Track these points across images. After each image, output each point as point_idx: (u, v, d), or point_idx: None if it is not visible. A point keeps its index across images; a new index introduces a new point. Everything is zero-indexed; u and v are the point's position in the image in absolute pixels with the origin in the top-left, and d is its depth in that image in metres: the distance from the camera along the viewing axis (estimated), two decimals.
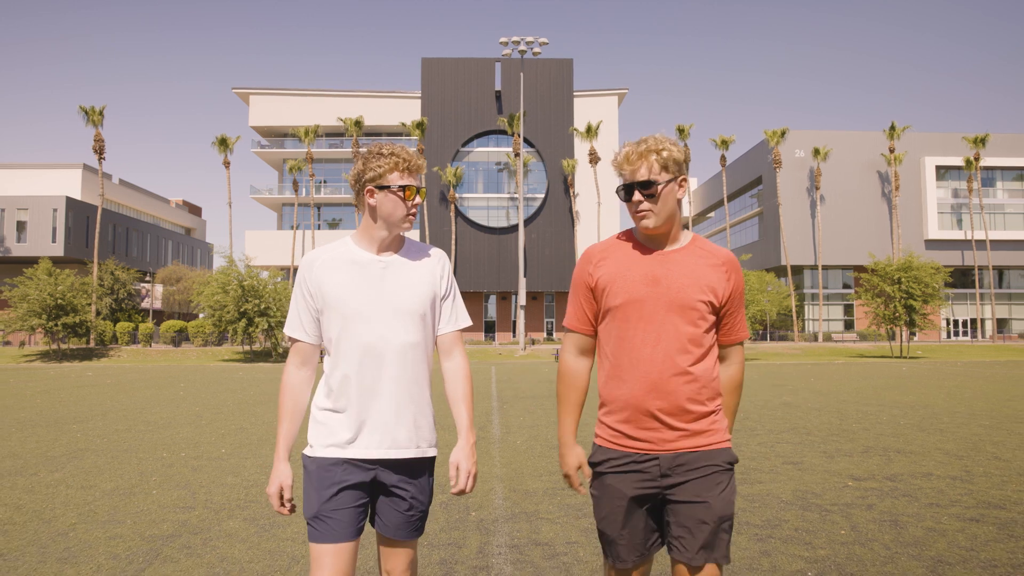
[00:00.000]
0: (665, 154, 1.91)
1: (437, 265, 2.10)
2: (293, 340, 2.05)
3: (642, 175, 1.91)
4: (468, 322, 2.16)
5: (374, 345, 1.94)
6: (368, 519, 2.02)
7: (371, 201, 2.00)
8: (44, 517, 4.67)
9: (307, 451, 1.99)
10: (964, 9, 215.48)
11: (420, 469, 2.01)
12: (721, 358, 2.00)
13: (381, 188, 1.98)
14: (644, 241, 2.01)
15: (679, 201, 1.96)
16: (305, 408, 2.03)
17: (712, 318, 1.94)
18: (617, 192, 1.99)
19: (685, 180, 1.97)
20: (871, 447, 7.42)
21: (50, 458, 6.94)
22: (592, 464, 2.00)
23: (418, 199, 2.03)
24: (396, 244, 2.07)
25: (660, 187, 1.90)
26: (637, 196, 1.92)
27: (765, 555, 3.82)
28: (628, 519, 1.91)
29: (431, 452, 2.04)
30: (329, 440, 1.95)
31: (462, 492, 2.01)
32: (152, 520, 4.58)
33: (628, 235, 2.05)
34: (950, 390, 14.94)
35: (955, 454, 6.97)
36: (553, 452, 7.18)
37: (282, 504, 1.97)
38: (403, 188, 1.98)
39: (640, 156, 1.92)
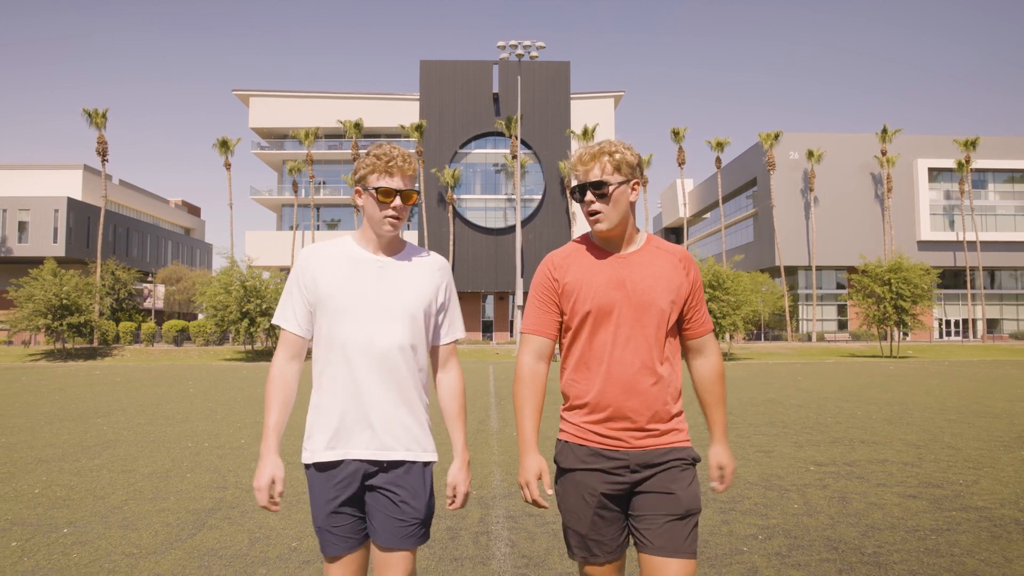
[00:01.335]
0: (618, 156, 1.91)
1: (438, 273, 2.08)
2: (283, 331, 2.02)
3: (594, 175, 1.92)
4: (463, 333, 2.19)
5: (365, 344, 1.92)
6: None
7: (359, 201, 2.03)
8: (97, 495, 5.30)
9: (304, 456, 1.97)
10: (963, 9, 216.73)
11: (413, 473, 1.96)
12: (697, 351, 2.02)
13: (365, 189, 2.00)
14: (602, 245, 2.00)
15: (632, 204, 1.98)
16: (293, 401, 2.00)
17: (675, 316, 1.97)
18: (572, 193, 1.97)
19: (639, 183, 1.97)
20: (839, 438, 8.07)
21: (86, 447, 7.57)
22: (558, 462, 2.01)
23: (398, 202, 1.97)
24: (395, 246, 2.06)
25: (612, 188, 1.91)
26: (589, 196, 1.92)
27: (725, 523, 4.46)
28: (599, 515, 1.90)
29: (425, 457, 1.99)
30: (320, 443, 1.93)
31: (456, 509, 2.06)
32: (192, 497, 5.21)
33: (586, 240, 2.05)
34: (929, 388, 15.61)
35: (914, 444, 7.63)
36: (547, 443, 7.81)
37: (271, 499, 1.89)
38: (377, 190, 1.96)
39: (592, 157, 1.93)
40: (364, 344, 1.92)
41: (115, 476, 6.01)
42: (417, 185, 2.08)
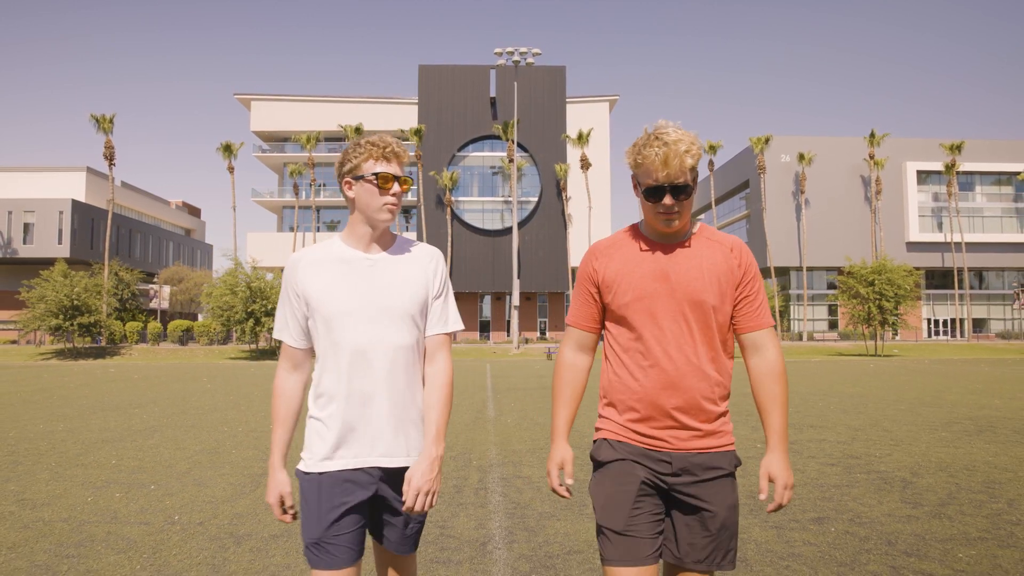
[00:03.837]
0: (695, 155, 1.80)
1: (430, 263, 2.01)
2: (282, 344, 1.98)
3: (678, 179, 1.80)
4: (459, 326, 2.09)
5: (362, 347, 1.87)
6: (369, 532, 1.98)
7: (350, 193, 1.94)
8: (164, 464, 6.45)
9: (301, 466, 1.91)
10: (963, 9, 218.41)
11: None
12: (752, 348, 1.89)
13: (358, 178, 1.92)
14: (651, 236, 1.92)
15: None
16: (298, 413, 1.97)
17: (725, 311, 1.87)
18: (647, 195, 1.83)
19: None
20: (793, 424, 9.22)
21: (136, 431, 8.71)
22: (595, 457, 1.94)
23: (396, 188, 1.91)
24: (385, 241, 2.00)
25: (692, 189, 1.83)
26: (669, 200, 1.81)
27: None
28: (639, 503, 1.81)
29: None
30: (321, 452, 1.87)
31: (410, 511, 1.86)
32: (243, 465, 6.35)
33: (634, 230, 1.97)
34: (896, 384, 16.80)
35: (855, 428, 8.79)
36: (538, 428, 8.96)
37: (284, 512, 1.91)
38: (376, 175, 1.90)
39: (679, 160, 1.78)
40: (363, 347, 1.87)
41: (172, 452, 7.15)
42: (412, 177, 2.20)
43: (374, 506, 1.93)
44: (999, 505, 4.79)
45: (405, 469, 1.89)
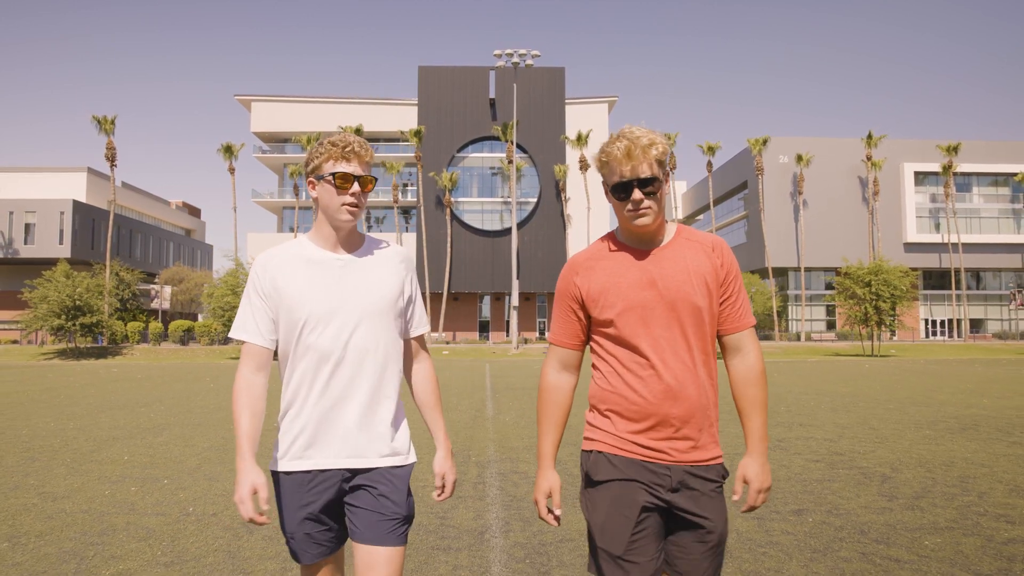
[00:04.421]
0: (660, 148, 1.80)
1: (401, 265, 2.02)
2: (245, 344, 1.92)
3: (644, 172, 1.78)
4: (428, 326, 2.13)
5: (336, 349, 1.86)
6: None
7: (313, 194, 1.93)
8: (174, 460, 6.70)
9: (271, 466, 1.92)
10: (963, 9, 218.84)
11: (390, 473, 1.91)
12: (734, 349, 1.88)
13: (319, 178, 1.90)
14: (630, 242, 1.89)
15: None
16: (263, 412, 1.89)
17: (714, 312, 1.85)
18: (614, 192, 1.82)
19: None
20: (783, 422, 9.49)
21: (145, 429, 8.96)
22: (591, 474, 1.87)
23: (356, 188, 1.88)
24: (354, 242, 1.98)
25: (662, 183, 1.81)
26: (638, 195, 1.78)
27: None
28: (640, 529, 1.77)
29: (402, 461, 1.95)
30: (291, 452, 1.87)
31: (445, 499, 2.05)
32: None
33: (611, 238, 1.93)
34: (890, 384, 17.05)
35: (843, 426, 9.05)
36: (535, 427, 9.21)
37: (256, 511, 1.78)
38: (335, 175, 1.87)
39: (643, 151, 1.77)
40: (336, 349, 1.86)
41: (181, 449, 7.41)
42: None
43: (345, 498, 1.91)
44: (970, 498, 5.06)
45: (375, 469, 1.89)
